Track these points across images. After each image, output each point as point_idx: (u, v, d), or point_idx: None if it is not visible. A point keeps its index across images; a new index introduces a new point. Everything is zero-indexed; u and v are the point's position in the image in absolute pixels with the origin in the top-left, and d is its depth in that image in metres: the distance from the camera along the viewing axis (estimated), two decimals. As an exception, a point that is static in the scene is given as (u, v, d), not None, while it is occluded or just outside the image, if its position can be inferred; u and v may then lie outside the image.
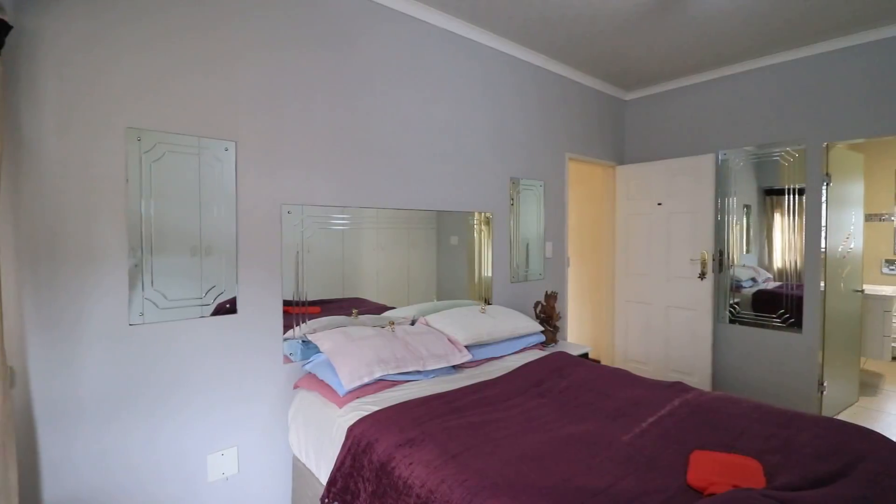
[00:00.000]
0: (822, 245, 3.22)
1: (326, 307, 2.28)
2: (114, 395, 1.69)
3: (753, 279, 3.57)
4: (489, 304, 3.05)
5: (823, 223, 3.21)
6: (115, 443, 1.70)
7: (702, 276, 3.62)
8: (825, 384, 3.25)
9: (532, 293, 3.40)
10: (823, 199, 3.21)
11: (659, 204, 3.90)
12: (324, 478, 1.74)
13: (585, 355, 2.99)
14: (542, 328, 2.82)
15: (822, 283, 3.22)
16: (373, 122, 2.45)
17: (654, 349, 3.94)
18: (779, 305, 3.40)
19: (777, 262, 3.46)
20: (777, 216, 3.45)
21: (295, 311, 2.15)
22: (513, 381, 2.06)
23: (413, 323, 2.55)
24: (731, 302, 3.65)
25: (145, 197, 1.75)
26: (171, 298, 1.81)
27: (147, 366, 1.76)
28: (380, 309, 2.51)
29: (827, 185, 3.22)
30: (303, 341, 2.16)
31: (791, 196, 3.36)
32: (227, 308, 1.95)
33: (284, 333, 2.12)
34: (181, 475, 1.85)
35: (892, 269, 5.07)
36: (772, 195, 3.48)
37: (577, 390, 1.98)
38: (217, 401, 1.94)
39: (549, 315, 3.07)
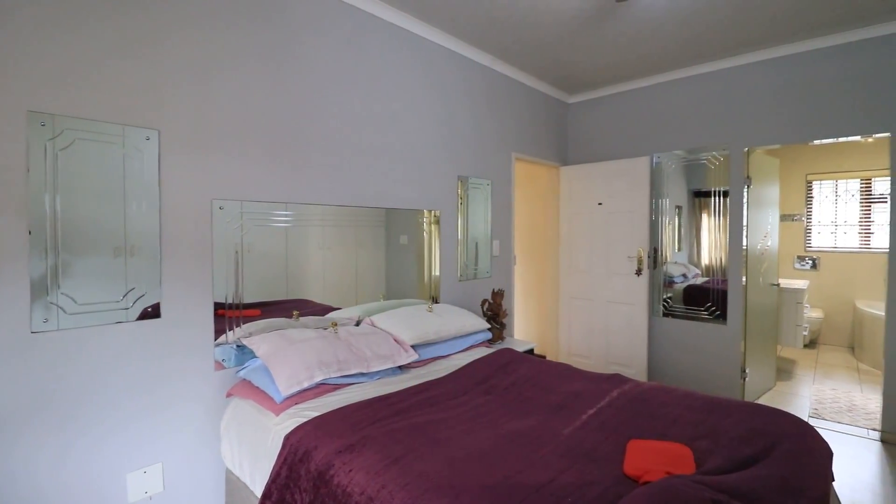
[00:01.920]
0: (744, 243, 3.48)
1: (267, 309, 2.16)
2: (15, 412, 1.50)
3: (684, 275, 3.80)
4: (437, 302, 3.02)
5: (745, 223, 3.47)
6: (19, 464, 1.51)
7: (638, 272, 3.81)
8: (747, 371, 3.52)
9: (480, 291, 3.42)
10: (745, 200, 3.47)
11: (599, 204, 4.05)
12: (259, 490, 1.64)
13: (531, 351, 3.04)
14: (489, 326, 2.83)
15: (744, 278, 3.48)
16: (316, 114, 2.35)
17: (595, 343, 4.10)
18: (706, 299, 3.64)
19: (705, 259, 3.70)
20: (705, 216, 3.69)
21: (230, 315, 2.02)
22: (458, 380, 2.04)
23: (358, 323, 2.47)
24: (665, 297, 3.86)
25: (50, 190, 1.56)
26: (83, 303, 1.63)
27: (55, 377, 1.58)
28: (325, 310, 2.42)
29: (748, 187, 3.48)
30: (237, 346, 2.03)
31: (717, 198, 3.60)
32: (150, 312, 1.79)
33: (217, 338, 1.98)
34: (96, 497, 1.67)
35: (803, 265, 5.59)
36: (700, 197, 3.72)
37: (521, 386, 2.00)
38: (138, 413, 1.77)
39: (495, 312, 3.10)
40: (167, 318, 1.84)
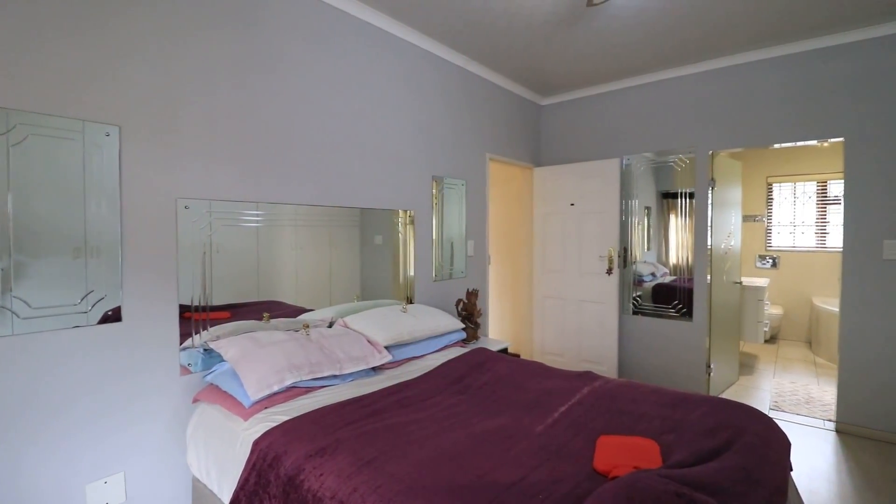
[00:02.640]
0: (709, 243, 3.60)
1: (237, 311, 2.11)
2: (-42, 424, 1.42)
3: (653, 274, 3.91)
4: (412, 303, 3.01)
5: (709, 223, 3.59)
6: (-39, 481, 1.42)
7: (609, 271, 3.89)
8: (712, 366, 3.64)
9: (455, 291, 3.42)
10: (709, 201, 3.59)
11: (572, 204, 4.12)
12: (227, 498, 1.59)
13: (505, 350, 3.07)
14: (464, 325, 2.84)
15: (709, 277, 3.60)
16: (288, 113, 2.30)
17: (568, 341, 4.16)
18: (674, 297, 3.75)
19: (672, 258, 3.81)
20: (672, 217, 3.80)
21: (197, 318, 1.96)
22: (433, 380, 2.04)
23: (331, 325, 2.44)
24: (635, 295, 3.96)
25: (2, 188, 1.48)
26: (38, 306, 1.55)
27: (7, 383, 1.50)
28: (297, 311, 2.37)
29: (712, 189, 3.60)
30: (204, 350, 1.97)
31: (683, 199, 3.71)
32: (111, 316, 1.72)
33: (182, 342, 1.92)
34: (52, 511, 1.60)
35: (764, 264, 5.83)
36: (668, 198, 3.83)
37: (494, 385, 2.02)
38: (98, 423, 1.70)
39: (470, 312, 3.11)
40: (129, 322, 1.77)
